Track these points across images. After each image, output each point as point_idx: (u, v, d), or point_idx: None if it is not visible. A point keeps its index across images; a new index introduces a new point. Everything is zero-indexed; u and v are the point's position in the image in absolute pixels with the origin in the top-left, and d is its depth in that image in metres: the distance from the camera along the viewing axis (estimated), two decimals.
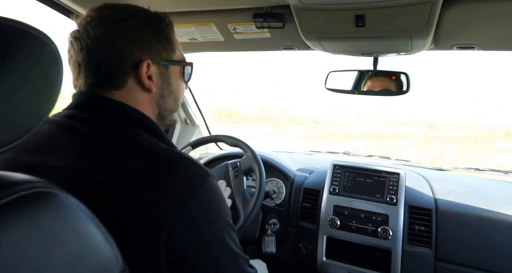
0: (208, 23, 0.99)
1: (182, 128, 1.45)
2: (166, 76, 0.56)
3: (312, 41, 0.94)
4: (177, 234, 0.41)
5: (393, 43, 0.89)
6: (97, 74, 0.51)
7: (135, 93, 0.52)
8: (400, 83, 0.97)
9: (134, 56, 0.51)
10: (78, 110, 0.51)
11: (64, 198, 0.30)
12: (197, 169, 0.46)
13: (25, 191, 0.27)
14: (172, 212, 0.42)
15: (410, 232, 1.02)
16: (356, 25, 0.82)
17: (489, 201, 1.03)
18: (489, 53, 0.90)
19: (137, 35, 0.51)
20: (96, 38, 0.50)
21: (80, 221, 0.31)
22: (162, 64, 0.54)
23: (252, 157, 1.01)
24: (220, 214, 0.47)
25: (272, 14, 0.89)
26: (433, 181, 1.15)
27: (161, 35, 0.54)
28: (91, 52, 0.50)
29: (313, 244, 1.11)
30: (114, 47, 0.50)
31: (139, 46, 0.51)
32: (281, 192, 1.22)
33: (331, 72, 1.06)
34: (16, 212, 0.26)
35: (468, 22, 0.77)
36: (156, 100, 0.55)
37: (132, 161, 0.44)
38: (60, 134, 0.48)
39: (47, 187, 0.29)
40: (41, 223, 0.27)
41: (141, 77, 0.52)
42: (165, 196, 0.42)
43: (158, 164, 0.44)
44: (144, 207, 0.41)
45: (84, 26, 0.51)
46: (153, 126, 0.52)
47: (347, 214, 1.07)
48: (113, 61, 0.50)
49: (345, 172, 1.14)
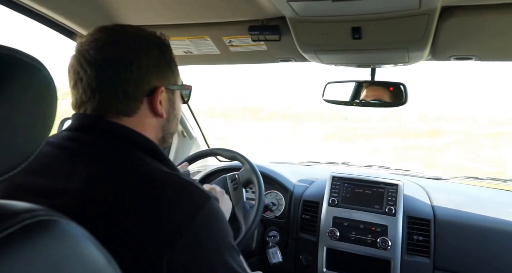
0: (203, 36, 0.96)
1: (180, 141, 1.41)
2: (172, 101, 0.56)
3: (308, 53, 0.91)
4: (179, 256, 0.41)
5: (390, 55, 0.86)
6: (112, 101, 0.49)
7: (145, 118, 0.52)
8: (398, 94, 0.95)
9: (150, 83, 0.51)
10: (80, 133, 0.49)
11: (66, 225, 0.30)
12: (198, 192, 0.46)
13: (28, 220, 0.27)
14: (174, 235, 0.41)
15: (409, 242, 1.01)
16: (352, 37, 0.79)
17: (487, 210, 1.02)
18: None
19: (153, 63, 0.51)
20: (113, 64, 0.48)
21: (83, 246, 0.31)
22: (170, 89, 0.55)
23: (250, 169, 0.99)
24: (222, 236, 0.47)
25: (268, 26, 0.86)
26: (431, 191, 1.13)
27: (171, 61, 0.54)
28: (109, 78, 0.48)
29: (314, 256, 1.09)
30: (132, 75, 0.48)
31: (154, 73, 0.51)
32: (280, 204, 1.20)
33: (328, 84, 1.04)
34: (20, 241, 0.26)
35: (464, 34, 0.75)
36: (163, 124, 0.55)
37: (134, 185, 0.43)
38: (63, 157, 0.46)
39: (49, 214, 0.30)
40: (45, 250, 0.27)
41: (155, 104, 0.51)
42: (167, 220, 0.41)
43: (160, 188, 0.43)
44: (146, 231, 0.40)
45: (96, 49, 0.48)
46: (156, 150, 0.51)
47: (346, 225, 1.05)
48: (130, 88, 0.49)
49: (344, 183, 1.12)
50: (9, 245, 0.25)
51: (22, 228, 0.27)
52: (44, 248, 0.27)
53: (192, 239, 0.42)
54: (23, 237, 0.26)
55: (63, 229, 0.30)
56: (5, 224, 0.26)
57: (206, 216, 0.44)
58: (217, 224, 0.46)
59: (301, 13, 0.73)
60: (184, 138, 1.41)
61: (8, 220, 0.26)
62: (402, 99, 0.93)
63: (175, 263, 0.40)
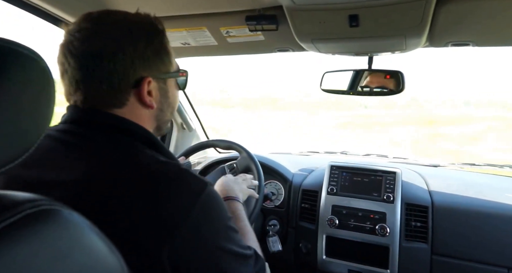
0: (200, 27, 0.94)
1: (179, 133, 1.40)
2: (165, 90, 0.53)
3: (306, 43, 0.90)
4: (179, 244, 0.41)
5: (388, 42, 0.85)
6: (98, 93, 0.47)
7: (136, 110, 0.50)
8: (395, 82, 0.94)
9: (136, 74, 0.48)
10: (75, 126, 0.48)
11: (68, 214, 0.30)
12: (194, 180, 0.45)
13: (30, 209, 0.27)
14: (173, 224, 0.41)
15: (407, 229, 1.01)
16: (350, 25, 0.78)
17: (485, 195, 1.02)
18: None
19: (138, 53, 0.48)
20: (96, 56, 0.46)
21: (85, 235, 0.31)
22: (161, 79, 0.52)
23: (247, 156, 0.98)
24: (220, 220, 0.47)
25: (265, 16, 0.85)
26: (429, 178, 1.13)
27: (160, 49, 0.51)
28: (92, 71, 0.46)
29: (313, 243, 1.09)
30: (116, 67, 0.46)
31: (140, 64, 0.48)
32: (280, 193, 1.20)
33: (326, 73, 1.03)
34: (22, 231, 0.26)
35: (462, 19, 0.74)
36: (156, 114, 0.53)
37: (131, 176, 0.42)
38: (59, 150, 0.46)
39: (51, 204, 0.29)
40: (47, 240, 0.27)
41: (143, 95, 0.49)
42: (165, 210, 0.41)
43: (157, 178, 0.43)
44: (145, 222, 0.40)
45: (80, 40, 0.46)
46: (153, 139, 0.50)
47: (345, 213, 1.05)
48: (115, 81, 0.47)
49: (343, 172, 1.12)
50: (11, 234, 0.25)
51: (23, 218, 0.26)
52: (46, 238, 0.27)
53: (192, 228, 0.42)
54: (25, 227, 0.26)
55: (65, 218, 0.30)
56: (7, 214, 0.26)
57: (204, 203, 0.43)
58: (215, 209, 0.46)
59: (298, 2, 0.71)
60: (183, 130, 1.40)
61: (9, 210, 0.26)
62: (400, 87, 0.92)
63: (176, 252, 0.40)
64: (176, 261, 0.41)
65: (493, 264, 0.91)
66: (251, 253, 0.51)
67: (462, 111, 9.63)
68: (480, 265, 0.92)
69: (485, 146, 6.19)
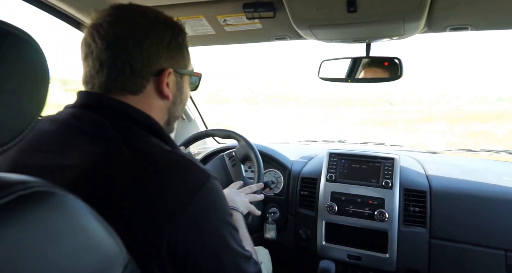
0: (197, 16, 0.93)
1: (179, 123, 1.40)
2: (180, 85, 0.55)
3: (303, 30, 0.88)
4: (178, 234, 0.41)
5: (386, 27, 0.83)
6: (119, 76, 0.48)
7: (151, 99, 0.51)
8: (393, 68, 0.92)
9: (159, 63, 0.49)
10: (84, 110, 0.48)
11: (63, 196, 0.30)
12: (198, 171, 0.45)
13: (22, 191, 0.27)
14: (173, 213, 0.41)
15: (406, 214, 1.01)
16: (347, 10, 0.76)
17: (482, 179, 1.02)
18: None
19: (164, 43, 0.49)
20: (124, 39, 0.47)
21: (81, 217, 0.30)
22: (179, 73, 0.54)
23: (246, 144, 0.98)
24: (220, 214, 0.46)
25: (262, 3, 0.83)
26: (426, 164, 1.13)
27: (183, 46, 0.53)
28: (118, 52, 0.47)
29: (313, 230, 1.10)
30: (142, 52, 0.47)
31: (164, 54, 0.49)
32: (279, 182, 1.20)
33: (324, 61, 1.01)
34: (14, 212, 0.25)
35: (461, 2, 0.72)
36: (169, 107, 0.54)
37: (135, 164, 0.42)
38: (66, 134, 0.46)
39: (45, 186, 0.29)
40: (41, 221, 0.27)
41: (162, 85, 0.50)
42: (166, 198, 0.41)
43: (160, 166, 0.43)
44: (146, 208, 0.40)
45: (110, 23, 0.47)
46: (159, 129, 0.50)
47: (344, 200, 1.05)
48: (138, 65, 0.48)
49: (341, 159, 1.11)
50: (2, 215, 0.25)
51: (16, 199, 0.26)
52: (39, 219, 0.27)
53: (192, 218, 0.42)
54: (17, 208, 0.26)
55: (61, 200, 0.29)
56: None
57: (205, 194, 0.43)
58: (216, 202, 0.46)
59: None
60: (182, 120, 1.39)
61: (1, 191, 0.26)
62: (398, 73, 0.91)
63: (175, 240, 0.40)
64: (174, 249, 0.41)
65: (490, 246, 0.91)
66: (249, 255, 0.51)
67: (497, 107, 8.73)
68: (478, 247, 0.93)
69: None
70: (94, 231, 0.31)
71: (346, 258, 1.05)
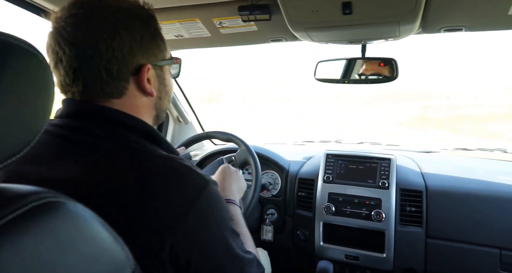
0: (193, 19, 0.91)
1: (176, 126, 1.39)
2: (162, 77, 0.51)
3: (299, 32, 0.88)
4: (179, 242, 0.40)
5: (381, 30, 0.83)
6: (96, 83, 0.45)
7: (135, 99, 0.48)
8: (389, 69, 0.92)
9: (135, 61, 0.46)
10: (72, 120, 0.45)
11: (72, 206, 0.30)
12: (197, 177, 0.43)
13: (36, 202, 0.27)
14: (173, 222, 0.40)
15: (402, 213, 1.02)
16: (343, 12, 0.75)
17: (476, 178, 1.02)
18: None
19: (136, 39, 0.45)
20: (93, 43, 0.43)
21: (90, 226, 0.31)
22: (158, 66, 0.50)
23: (246, 150, 0.97)
24: (221, 221, 0.45)
25: (258, 6, 0.82)
26: (422, 164, 1.13)
27: (156, 35, 0.49)
28: (90, 58, 0.43)
29: (310, 230, 1.10)
30: (114, 53, 0.44)
31: (138, 50, 0.46)
32: (276, 183, 1.19)
33: (320, 62, 1.01)
34: (28, 223, 0.26)
35: (455, 4, 0.72)
36: (155, 102, 0.52)
37: (131, 171, 0.41)
38: (57, 145, 0.44)
39: (56, 196, 0.30)
40: (53, 231, 0.28)
41: (143, 82, 0.47)
42: (166, 206, 0.40)
43: (158, 173, 0.41)
44: (145, 217, 0.39)
45: (73, 26, 0.43)
46: (152, 132, 0.48)
47: (341, 200, 1.05)
48: (114, 68, 0.44)
49: (338, 160, 1.11)
50: (18, 226, 0.25)
51: (30, 210, 0.27)
52: (52, 229, 0.27)
53: (193, 225, 0.41)
54: (31, 219, 0.26)
55: (70, 210, 0.30)
56: (13, 207, 0.26)
57: (205, 200, 0.42)
58: (217, 208, 0.45)
59: None
60: (179, 123, 1.38)
61: (15, 203, 0.26)
62: (394, 74, 0.91)
63: (177, 247, 0.40)
64: (177, 257, 0.40)
65: (486, 245, 0.92)
66: (252, 257, 0.50)
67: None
68: (473, 246, 0.93)
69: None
70: (102, 239, 0.32)
71: (344, 258, 1.05)
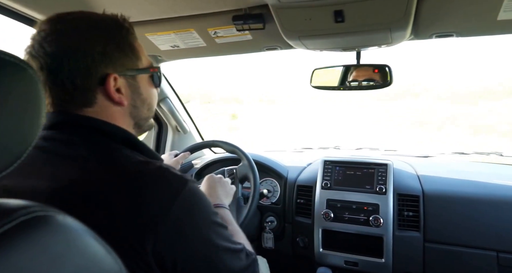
0: (188, 29, 0.93)
1: (175, 136, 1.38)
2: (135, 86, 0.51)
3: (293, 40, 0.89)
4: (163, 243, 0.41)
5: (373, 37, 0.84)
6: (63, 93, 0.46)
7: (107, 108, 0.48)
8: (383, 75, 0.93)
9: (99, 71, 0.46)
10: (53, 131, 0.47)
11: (62, 219, 0.30)
12: (174, 177, 0.44)
13: (24, 216, 0.27)
14: (154, 222, 0.40)
15: (400, 218, 1.02)
16: (335, 21, 0.77)
17: (472, 182, 1.02)
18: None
19: (98, 49, 0.46)
20: (55, 56, 0.45)
21: (80, 239, 0.31)
22: (129, 75, 0.50)
23: (248, 165, 0.97)
24: (204, 216, 0.46)
25: (252, 15, 0.83)
26: (419, 168, 1.13)
27: (124, 45, 0.48)
28: (53, 71, 0.45)
29: (310, 237, 1.09)
30: (77, 65, 0.45)
31: (102, 60, 0.46)
32: (276, 191, 1.19)
33: (315, 70, 1.01)
34: (17, 238, 0.26)
35: (445, 11, 0.73)
36: (129, 111, 0.51)
37: (110, 178, 0.42)
38: (39, 157, 0.45)
39: (44, 210, 0.29)
40: (43, 245, 0.27)
41: (110, 92, 0.47)
42: (145, 208, 0.41)
43: (136, 178, 0.42)
44: (127, 221, 0.40)
45: (39, 42, 0.45)
46: (132, 138, 0.49)
47: (339, 207, 1.05)
48: (77, 79, 0.45)
49: (336, 166, 1.11)
50: (6, 242, 0.25)
51: (18, 225, 0.26)
52: (42, 243, 0.27)
53: (174, 224, 0.41)
54: (20, 234, 0.26)
55: (60, 223, 0.30)
56: (1, 222, 0.26)
57: (184, 199, 0.43)
58: (197, 205, 0.45)
59: (284, 0, 0.70)
60: (178, 132, 1.38)
61: (3, 218, 0.26)
62: (388, 81, 0.92)
63: (160, 248, 0.40)
64: (161, 257, 0.40)
65: (483, 248, 0.92)
66: (241, 247, 0.50)
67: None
68: (471, 249, 0.93)
69: None
70: (93, 251, 0.31)
71: (344, 264, 1.05)
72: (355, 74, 0.99)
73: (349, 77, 1.00)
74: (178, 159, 0.92)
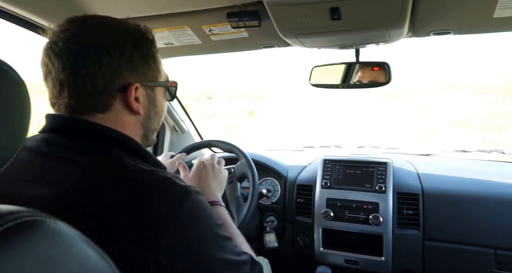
0: (182, 26, 0.91)
1: (173, 136, 1.37)
2: (152, 98, 0.52)
3: (290, 38, 0.88)
4: (165, 255, 0.40)
5: (370, 34, 0.83)
6: (82, 95, 0.46)
7: (121, 116, 0.49)
8: (382, 73, 0.92)
9: (122, 79, 0.47)
10: (55, 135, 0.46)
11: (53, 224, 0.30)
12: (178, 189, 0.43)
13: (11, 222, 0.27)
14: (157, 235, 0.40)
15: (399, 217, 1.02)
16: (331, 18, 0.76)
17: (472, 180, 1.03)
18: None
19: (125, 57, 0.46)
20: (81, 57, 0.44)
21: (73, 243, 0.30)
22: (149, 86, 0.51)
23: (246, 163, 0.96)
24: (208, 228, 0.45)
25: (247, 12, 0.82)
26: (419, 167, 1.13)
27: (149, 56, 0.50)
28: (76, 71, 0.45)
29: (310, 237, 1.10)
30: (101, 69, 0.45)
31: (127, 68, 0.47)
32: (276, 190, 1.19)
33: (315, 67, 1.01)
34: (5, 244, 0.25)
35: (442, 8, 0.73)
36: (142, 121, 0.52)
37: (113, 186, 0.41)
38: (39, 162, 0.44)
39: (34, 215, 0.29)
40: (33, 250, 0.27)
41: (129, 100, 0.48)
42: (148, 220, 0.40)
43: (139, 188, 0.41)
44: (128, 233, 0.39)
45: (64, 41, 0.45)
46: (137, 147, 0.48)
47: (339, 206, 1.06)
48: (100, 83, 0.45)
49: (335, 165, 1.11)
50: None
51: (6, 230, 0.26)
52: (32, 248, 0.27)
53: (176, 237, 0.41)
54: (9, 239, 0.25)
55: (51, 228, 0.29)
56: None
57: (188, 211, 0.42)
58: (200, 217, 0.44)
59: None
60: (176, 132, 1.37)
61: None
62: (387, 78, 0.91)
63: (162, 261, 0.39)
64: (162, 269, 0.40)
65: (481, 245, 0.93)
66: (246, 259, 0.50)
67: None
68: (469, 246, 0.94)
69: None
70: (86, 256, 0.31)
71: (344, 263, 1.05)
72: (354, 72, 0.98)
73: (349, 75, 0.99)
74: (174, 160, 0.92)
